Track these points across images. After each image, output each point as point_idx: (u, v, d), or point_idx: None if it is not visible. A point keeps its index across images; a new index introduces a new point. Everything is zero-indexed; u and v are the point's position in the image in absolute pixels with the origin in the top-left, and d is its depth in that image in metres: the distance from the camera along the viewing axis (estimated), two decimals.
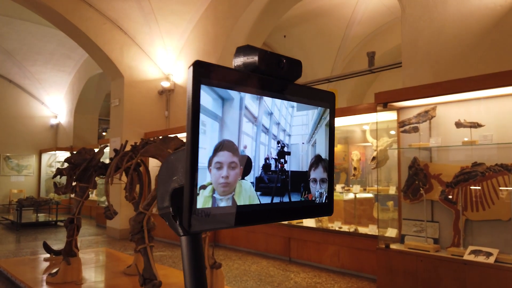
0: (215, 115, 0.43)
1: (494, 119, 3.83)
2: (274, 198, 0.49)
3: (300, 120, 0.52)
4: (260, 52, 0.46)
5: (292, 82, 0.51)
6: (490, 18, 4.14)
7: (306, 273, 5.22)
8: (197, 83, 0.41)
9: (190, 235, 0.59)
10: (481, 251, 3.70)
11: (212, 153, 0.42)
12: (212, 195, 0.42)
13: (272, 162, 0.49)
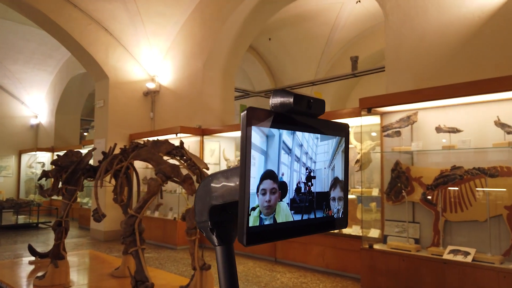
0: (262, 150, 0.52)
1: (472, 125, 4.03)
2: (303, 215, 0.59)
3: (322, 149, 0.62)
4: (294, 96, 0.56)
5: (317, 118, 0.61)
6: (468, 28, 4.34)
7: (292, 273, 5.35)
8: (249, 125, 0.50)
9: (224, 246, 0.69)
10: (459, 251, 3.90)
11: (259, 181, 0.51)
12: (260, 215, 0.52)
13: (302, 186, 0.58)
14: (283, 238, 0.55)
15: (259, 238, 0.52)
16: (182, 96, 8.14)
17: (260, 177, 0.52)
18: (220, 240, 0.68)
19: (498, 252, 3.77)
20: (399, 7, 4.89)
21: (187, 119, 7.86)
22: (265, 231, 0.52)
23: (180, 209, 7.40)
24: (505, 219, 3.77)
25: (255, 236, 0.51)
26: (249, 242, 0.50)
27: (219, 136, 7.54)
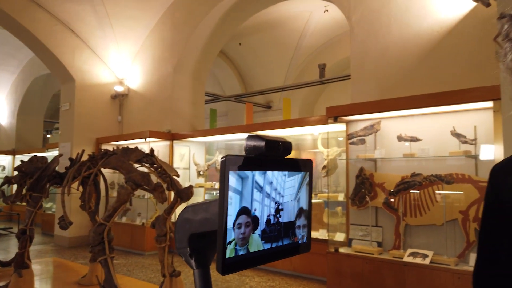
0: (238, 190, 0.60)
1: (430, 134, 4.28)
2: (273, 244, 0.67)
3: (290, 184, 0.71)
4: (266, 141, 0.64)
5: (284, 158, 0.70)
6: (428, 43, 4.61)
7: (261, 277, 5.44)
8: (227, 170, 0.58)
9: (201, 269, 0.77)
10: (418, 253, 4.12)
11: (235, 218, 0.60)
12: (235, 247, 0.60)
13: (271, 218, 0.67)
14: (255, 266, 0.64)
15: (234, 267, 0.60)
16: (151, 100, 8.09)
17: (236, 214, 0.60)
18: (197, 263, 0.76)
19: (453, 254, 4.02)
20: (364, 21, 5.11)
21: (156, 123, 7.81)
22: (239, 260, 0.61)
23: (148, 214, 7.34)
24: (460, 223, 4.03)
25: (230, 266, 0.59)
26: (225, 272, 0.58)
27: (189, 141, 7.54)
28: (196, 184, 7.19)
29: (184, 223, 0.75)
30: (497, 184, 0.87)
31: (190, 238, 0.74)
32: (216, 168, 7.16)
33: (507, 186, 0.84)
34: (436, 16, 4.57)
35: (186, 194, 3.56)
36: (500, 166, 0.89)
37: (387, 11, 4.94)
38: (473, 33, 4.26)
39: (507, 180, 0.84)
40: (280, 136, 0.75)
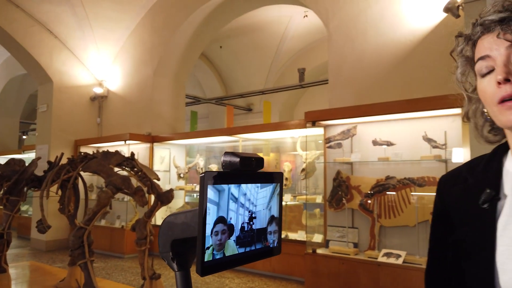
0: (215, 202, 0.69)
1: (404, 139, 4.45)
2: (246, 248, 0.76)
3: (262, 194, 0.80)
4: (240, 157, 0.73)
5: (257, 171, 0.78)
6: (401, 51, 4.79)
7: (240, 279, 5.52)
8: (206, 185, 0.67)
9: (183, 271, 0.85)
10: (392, 253, 4.29)
11: (212, 226, 0.68)
12: (213, 252, 0.68)
13: (245, 225, 0.76)
14: (230, 268, 0.72)
15: (212, 270, 0.68)
16: (131, 102, 8.06)
17: (213, 223, 0.68)
18: (179, 266, 0.83)
19: (425, 254, 4.19)
20: (341, 28, 5.27)
21: (136, 125, 7.79)
22: (216, 263, 0.69)
23: (128, 217, 7.31)
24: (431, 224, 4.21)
25: (208, 268, 0.67)
26: (203, 274, 0.67)
27: (169, 143, 7.56)
28: (177, 187, 7.21)
29: (167, 230, 0.83)
30: (443, 193, 0.98)
31: (173, 243, 0.82)
32: (196, 171, 7.20)
33: (452, 195, 0.95)
34: (409, 25, 4.76)
35: (167, 198, 3.61)
36: (446, 177, 1.00)
37: (363, 19, 5.11)
38: (443, 43, 4.45)
39: (451, 190, 0.96)
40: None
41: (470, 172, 0.95)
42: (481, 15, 0.83)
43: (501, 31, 0.78)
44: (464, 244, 0.88)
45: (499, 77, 0.77)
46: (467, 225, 0.89)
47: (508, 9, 0.78)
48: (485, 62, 0.81)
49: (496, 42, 0.79)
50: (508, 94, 0.76)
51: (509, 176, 0.87)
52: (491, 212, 0.85)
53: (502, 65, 0.77)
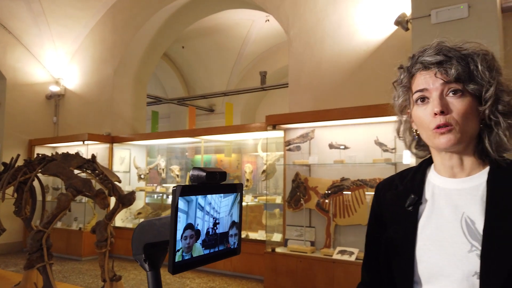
0: (184, 211, 0.81)
1: (357, 143, 4.73)
2: (211, 250, 0.88)
3: (225, 203, 0.93)
4: (206, 172, 0.85)
5: (221, 184, 0.91)
6: (356, 60, 5.08)
7: (201, 279, 5.61)
8: (177, 196, 0.79)
9: (153, 271, 0.96)
10: (346, 251, 4.54)
11: (182, 231, 0.80)
12: (182, 253, 0.80)
13: (210, 230, 0.88)
14: (197, 267, 0.85)
15: (182, 268, 0.80)
16: (90, 102, 7.89)
17: (183, 229, 0.80)
18: (150, 267, 0.95)
19: None
20: (301, 35, 5.49)
21: (95, 125, 7.65)
22: (185, 263, 0.81)
23: (86, 219, 7.18)
24: None
25: (179, 268, 0.79)
26: (174, 272, 0.79)
27: (129, 144, 7.49)
28: (137, 188, 7.16)
29: (140, 234, 0.94)
30: (379, 198, 1.16)
31: (145, 246, 0.93)
32: (158, 172, 7.19)
33: (386, 200, 1.13)
34: (363, 36, 5.05)
35: (129, 200, 3.64)
36: (382, 184, 1.19)
37: (321, 28, 5.35)
38: (393, 54, 4.78)
39: (386, 195, 1.14)
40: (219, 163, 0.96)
41: (400, 180, 1.13)
42: (421, 54, 1.01)
43: (437, 71, 0.96)
44: (393, 240, 1.06)
45: (436, 109, 0.95)
46: (396, 224, 1.07)
47: (444, 54, 0.96)
48: (422, 93, 0.99)
49: (432, 79, 0.98)
50: (442, 123, 0.95)
51: (430, 185, 1.06)
52: (414, 213, 1.04)
53: (438, 99, 0.96)
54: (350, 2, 5.16)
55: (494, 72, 0.97)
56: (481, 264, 0.89)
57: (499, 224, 0.89)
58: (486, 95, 0.95)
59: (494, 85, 0.95)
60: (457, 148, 0.99)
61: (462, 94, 0.95)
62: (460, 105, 0.95)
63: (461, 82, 0.95)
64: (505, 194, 0.91)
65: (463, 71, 0.95)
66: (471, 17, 3.43)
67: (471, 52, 0.97)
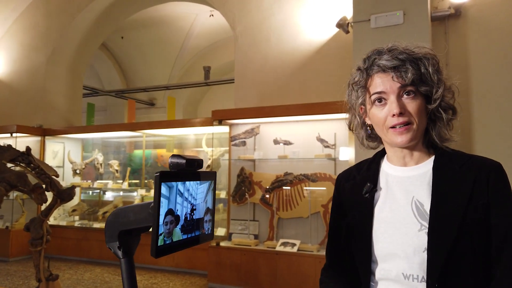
0: (166, 196, 0.83)
1: (300, 139, 4.91)
2: (189, 235, 0.91)
3: (201, 190, 0.96)
4: (186, 159, 0.88)
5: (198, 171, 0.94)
6: (300, 59, 5.26)
7: (143, 276, 5.48)
8: (160, 182, 0.80)
9: (127, 258, 0.96)
10: (288, 243, 4.71)
11: (163, 217, 0.82)
12: (164, 238, 0.82)
13: (188, 216, 0.91)
14: (177, 250, 0.87)
15: (163, 252, 0.82)
16: (19, 91, 7.31)
17: (164, 214, 0.82)
18: (124, 254, 0.95)
19: (316, 242, 4.71)
20: (247, 32, 5.56)
21: (25, 117, 7.11)
22: (166, 247, 0.83)
23: (14, 217, 6.65)
24: (322, 215, 4.74)
25: (161, 251, 0.81)
26: (158, 255, 0.80)
27: (63, 137, 7.07)
28: (71, 184, 6.78)
29: (113, 223, 0.93)
30: (340, 187, 1.26)
31: (120, 234, 0.93)
32: (95, 166, 6.88)
33: (345, 189, 1.23)
34: (307, 36, 5.25)
35: (69, 195, 3.47)
36: (342, 174, 1.29)
37: (267, 25, 5.46)
38: (335, 54, 5.03)
39: (345, 186, 1.24)
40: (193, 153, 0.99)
41: (358, 171, 1.24)
42: (376, 57, 1.10)
43: (394, 75, 1.06)
44: (352, 224, 1.16)
45: (395, 111, 1.05)
46: (354, 211, 1.17)
47: (399, 58, 1.06)
48: (380, 95, 1.09)
49: (390, 82, 1.07)
50: (399, 122, 1.06)
51: (384, 174, 1.18)
52: (370, 200, 1.15)
53: (396, 101, 1.06)
54: (295, 3, 5.33)
55: (440, 74, 1.09)
56: (428, 240, 1.01)
57: (443, 205, 1.02)
58: (435, 96, 1.07)
59: (442, 87, 1.07)
60: (412, 144, 1.10)
61: (415, 95, 1.06)
62: (414, 105, 1.06)
63: (414, 84, 1.06)
64: (447, 179, 1.05)
65: (416, 74, 1.05)
66: (406, 24, 3.73)
67: (421, 56, 1.08)
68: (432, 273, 0.99)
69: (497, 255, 0.99)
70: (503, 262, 0.99)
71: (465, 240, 0.99)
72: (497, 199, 1.00)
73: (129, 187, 6.84)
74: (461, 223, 0.99)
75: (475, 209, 1.00)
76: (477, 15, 4.28)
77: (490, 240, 1.00)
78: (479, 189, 1.01)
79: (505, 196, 1.01)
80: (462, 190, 1.02)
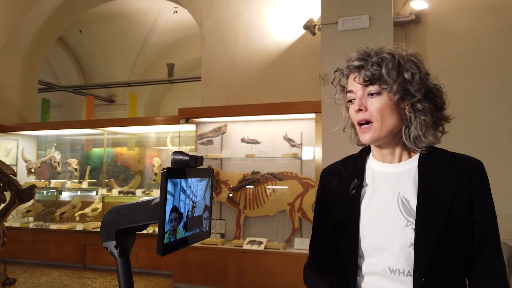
0: (171, 193, 0.82)
1: (268, 138, 4.95)
2: (190, 232, 0.90)
3: (201, 187, 0.95)
4: (189, 156, 0.87)
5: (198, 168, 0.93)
6: (268, 59, 5.31)
7: (104, 278, 5.30)
8: (167, 179, 0.79)
9: (123, 257, 0.94)
10: (255, 241, 4.74)
11: (169, 214, 0.81)
12: (169, 236, 0.81)
13: (189, 213, 0.90)
14: (179, 249, 0.86)
15: (169, 250, 0.81)
16: None
17: (170, 211, 0.81)
18: (121, 253, 0.92)
19: (282, 240, 4.77)
20: (214, 30, 5.53)
21: None
22: (171, 245, 0.82)
23: None
24: (288, 213, 4.81)
25: (166, 249, 0.80)
26: (164, 253, 0.79)
27: (17, 134, 6.68)
28: (26, 183, 6.43)
29: (111, 221, 0.91)
30: (325, 183, 1.28)
31: (117, 233, 0.90)
32: (52, 165, 6.56)
33: (331, 185, 1.26)
34: (275, 36, 5.31)
35: (29, 195, 3.29)
36: (327, 170, 1.31)
37: (235, 24, 5.46)
38: (302, 56, 5.12)
39: (331, 181, 1.26)
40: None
41: (344, 167, 1.26)
42: (350, 58, 1.14)
43: (357, 75, 1.10)
44: (340, 220, 1.19)
45: (355, 107, 1.10)
46: (341, 206, 1.20)
47: (363, 59, 1.10)
48: (350, 94, 1.13)
49: (356, 81, 1.11)
50: (360, 119, 1.10)
51: (370, 170, 1.21)
52: (357, 196, 1.18)
53: (358, 99, 1.10)
54: (263, 3, 5.37)
55: (403, 71, 1.08)
56: (415, 236, 1.05)
57: (429, 202, 1.07)
58: (392, 92, 1.08)
59: (397, 84, 1.07)
60: (379, 143, 1.14)
61: (378, 94, 1.08)
62: (376, 103, 1.08)
63: (377, 84, 1.09)
64: (432, 177, 1.10)
65: (376, 74, 1.07)
66: (371, 28, 3.87)
67: (385, 56, 1.09)
68: (419, 268, 1.03)
69: (478, 249, 1.06)
70: (484, 255, 1.05)
71: (450, 235, 1.04)
72: (479, 196, 1.07)
73: (88, 186, 6.58)
74: (447, 219, 1.04)
75: (459, 205, 1.05)
76: (435, 22, 4.51)
77: (473, 234, 1.06)
78: (463, 186, 1.07)
79: (486, 193, 1.08)
80: (447, 187, 1.07)
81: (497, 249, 1.05)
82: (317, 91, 4.29)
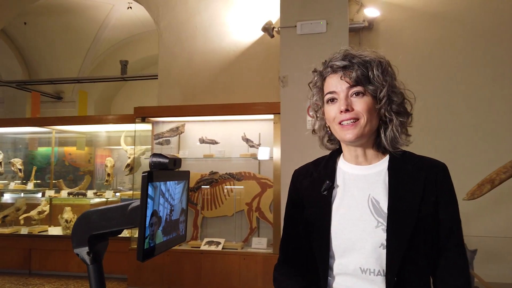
0: (151, 196, 0.80)
1: (226, 138, 4.94)
2: (168, 236, 0.89)
3: (178, 190, 0.94)
4: (169, 159, 0.85)
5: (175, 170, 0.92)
6: (226, 59, 5.29)
7: (52, 284, 5.03)
8: (147, 182, 0.77)
9: (96, 264, 0.90)
10: (213, 242, 4.71)
11: (149, 219, 0.79)
12: (148, 241, 0.79)
13: (167, 217, 0.88)
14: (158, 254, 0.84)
15: (148, 255, 0.79)
16: None
17: (150, 215, 0.80)
18: (93, 260, 0.89)
19: (240, 240, 4.78)
20: (172, 29, 5.43)
21: None
22: (151, 250, 0.81)
23: None
24: (246, 213, 4.84)
25: (146, 254, 0.78)
26: (144, 259, 0.77)
27: None
28: None
29: (83, 226, 0.87)
30: (297, 184, 1.31)
31: (89, 238, 0.87)
32: None
33: (303, 186, 1.29)
34: (233, 37, 5.31)
35: None
36: (299, 171, 1.34)
37: (193, 24, 5.39)
38: (260, 57, 5.17)
39: (303, 182, 1.29)
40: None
41: (315, 168, 1.29)
42: (331, 59, 1.18)
43: (343, 75, 1.14)
44: (311, 221, 1.21)
45: (342, 107, 1.13)
46: (313, 207, 1.23)
47: (349, 59, 1.14)
48: (332, 95, 1.16)
49: (339, 81, 1.15)
50: (346, 118, 1.13)
51: (340, 172, 1.25)
52: (328, 197, 1.21)
53: (344, 99, 1.13)
54: (222, 3, 5.35)
55: (387, 76, 1.17)
56: (387, 237, 1.10)
57: (399, 203, 1.12)
58: (380, 95, 1.15)
59: (386, 87, 1.15)
60: (361, 141, 1.19)
61: (363, 95, 1.14)
62: (362, 103, 1.14)
63: (362, 84, 1.14)
64: (401, 179, 1.16)
65: (363, 75, 1.13)
66: (328, 33, 3.98)
67: (370, 59, 1.16)
68: (392, 269, 1.08)
69: (443, 246, 1.13)
70: (448, 252, 1.12)
71: (419, 235, 1.10)
72: (444, 197, 1.14)
73: (34, 187, 6.21)
74: (416, 219, 1.10)
75: (427, 205, 1.12)
76: (386, 29, 4.73)
77: (438, 233, 1.13)
78: (429, 187, 1.13)
79: (450, 194, 1.16)
80: (416, 190, 1.13)
81: (461, 247, 1.12)
82: (276, 92, 4.35)
